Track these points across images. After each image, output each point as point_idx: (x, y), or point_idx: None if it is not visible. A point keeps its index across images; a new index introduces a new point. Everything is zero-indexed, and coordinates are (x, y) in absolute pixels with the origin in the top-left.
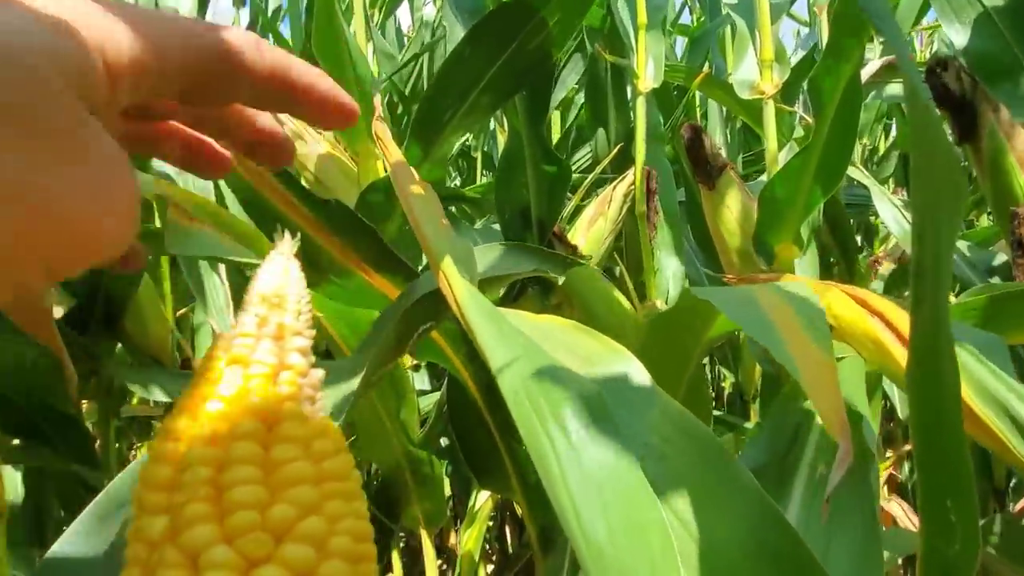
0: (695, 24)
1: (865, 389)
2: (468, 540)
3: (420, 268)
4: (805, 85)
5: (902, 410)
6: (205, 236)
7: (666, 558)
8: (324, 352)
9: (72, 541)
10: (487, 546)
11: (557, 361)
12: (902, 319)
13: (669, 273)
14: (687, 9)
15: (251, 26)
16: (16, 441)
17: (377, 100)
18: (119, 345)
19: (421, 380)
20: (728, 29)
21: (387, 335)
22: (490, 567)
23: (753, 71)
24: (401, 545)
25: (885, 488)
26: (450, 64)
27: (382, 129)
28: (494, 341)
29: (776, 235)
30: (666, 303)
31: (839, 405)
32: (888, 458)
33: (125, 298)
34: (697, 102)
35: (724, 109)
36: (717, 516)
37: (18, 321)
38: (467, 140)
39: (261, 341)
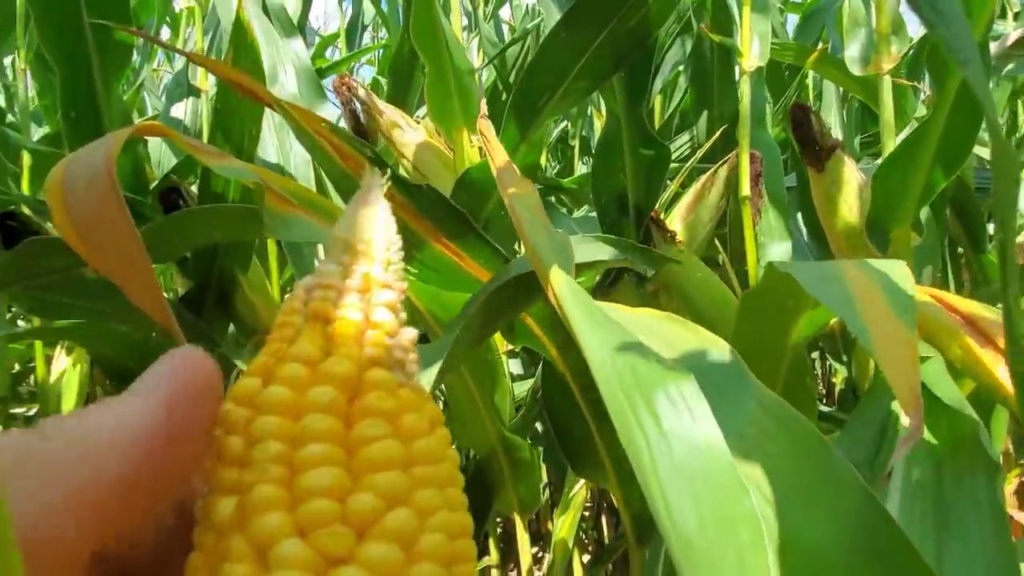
0: (807, 0)
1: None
2: (562, 527)
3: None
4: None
5: None
6: (302, 221)
7: (756, 552)
8: (422, 337)
9: None
10: (583, 535)
11: (651, 351)
12: (990, 324)
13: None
14: None
15: (353, 20)
16: None
17: (483, 103)
18: (231, 326)
19: (516, 365)
20: (846, 4)
21: (473, 317)
22: (586, 557)
23: (867, 46)
24: (498, 531)
25: (1016, 498)
26: (545, 48)
27: (486, 127)
28: (589, 330)
29: (891, 220)
30: None
31: (914, 380)
32: (1021, 464)
33: (236, 280)
34: (811, 83)
35: (840, 89)
36: (816, 512)
37: (135, 300)
38: (565, 127)
39: (345, 294)
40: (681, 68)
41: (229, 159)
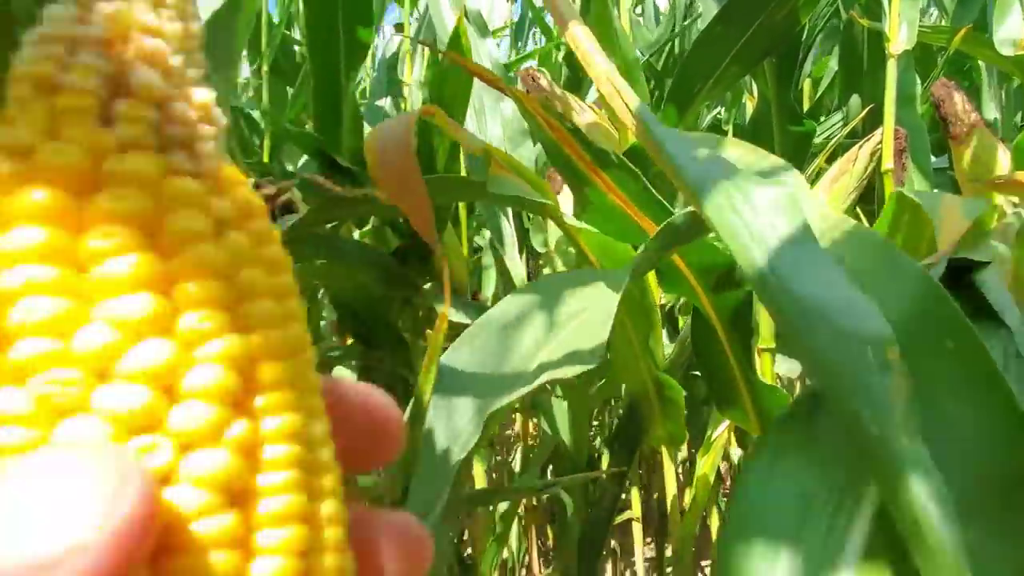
0: None
1: None
2: (704, 464)
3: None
4: None
5: None
6: (510, 181)
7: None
8: None
9: None
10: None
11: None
12: None
13: None
14: None
15: (519, 20)
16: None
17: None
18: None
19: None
20: None
21: (647, 252)
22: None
23: (1018, 27)
24: (639, 473)
25: None
26: (702, 41)
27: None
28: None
29: None
30: None
31: None
32: None
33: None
34: (978, 67)
35: (997, 70)
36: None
37: (415, 224)
38: (718, 113)
39: (78, 49)
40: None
41: (472, 136)
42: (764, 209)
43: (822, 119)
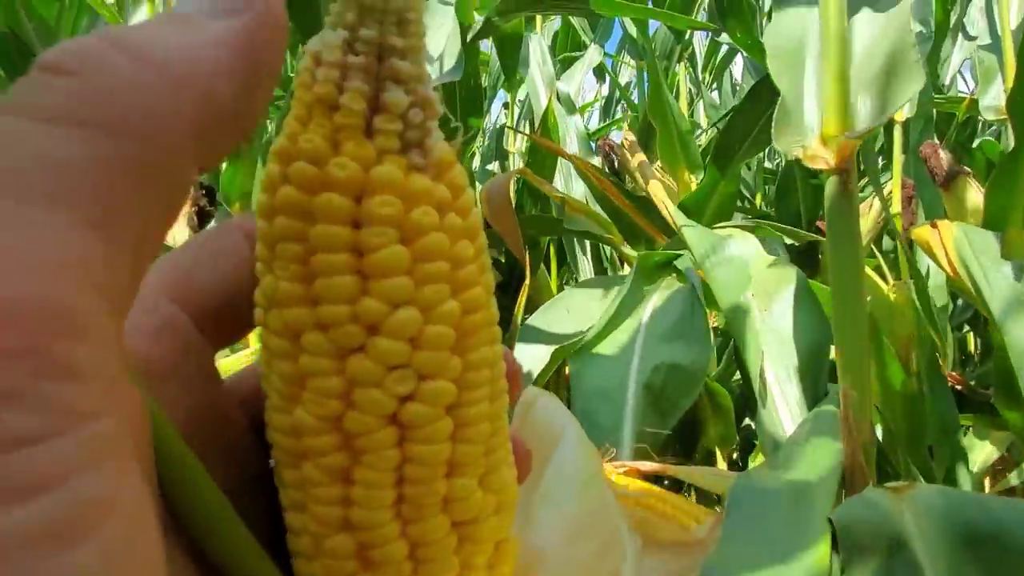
0: None
1: None
2: (756, 462)
3: None
4: None
5: None
6: (583, 221)
7: None
8: None
9: None
10: None
11: None
12: None
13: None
14: None
15: (609, 97)
16: None
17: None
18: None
19: None
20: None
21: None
22: None
23: (1000, 96)
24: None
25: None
26: (736, 112)
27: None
28: None
29: (1004, 223)
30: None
31: None
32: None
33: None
34: None
35: None
36: None
37: (511, 247)
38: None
39: (349, 74)
40: None
41: (553, 188)
42: None
43: None
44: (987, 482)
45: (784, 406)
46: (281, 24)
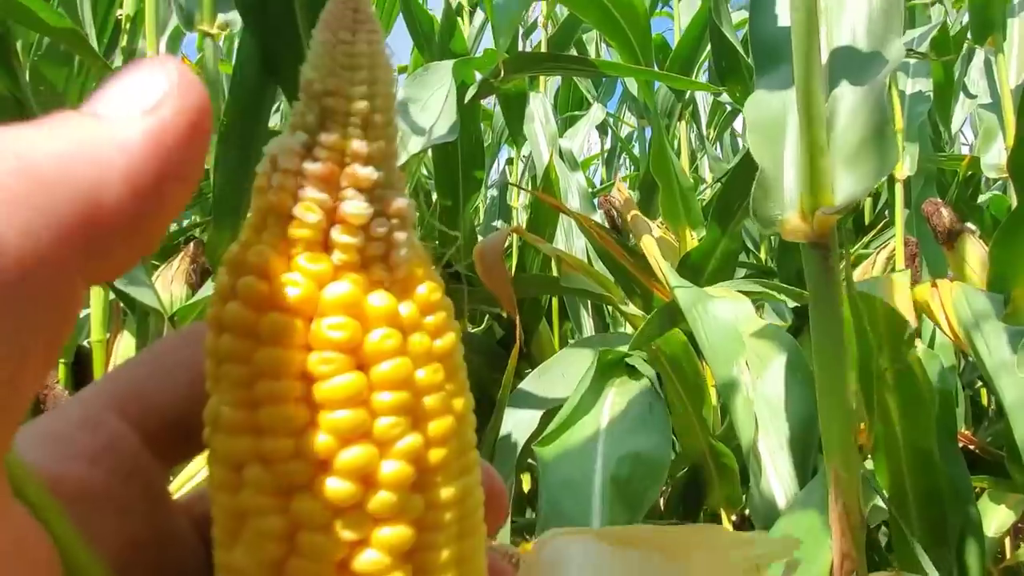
0: None
1: None
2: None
3: None
4: None
5: None
6: (581, 279)
7: None
8: None
9: None
10: None
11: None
12: None
13: None
14: None
15: (612, 150)
16: None
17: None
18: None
19: None
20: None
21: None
22: None
23: (1001, 154)
24: None
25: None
26: (735, 170)
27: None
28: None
29: (1009, 280)
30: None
31: None
32: None
33: (531, 332)
34: None
35: None
36: None
37: (503, 303)
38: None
39: (305, 184)
40: None
41: (548, 245)
42: None
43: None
44: (1007, 544)
45: (775, 478)
46: (198, 122)
